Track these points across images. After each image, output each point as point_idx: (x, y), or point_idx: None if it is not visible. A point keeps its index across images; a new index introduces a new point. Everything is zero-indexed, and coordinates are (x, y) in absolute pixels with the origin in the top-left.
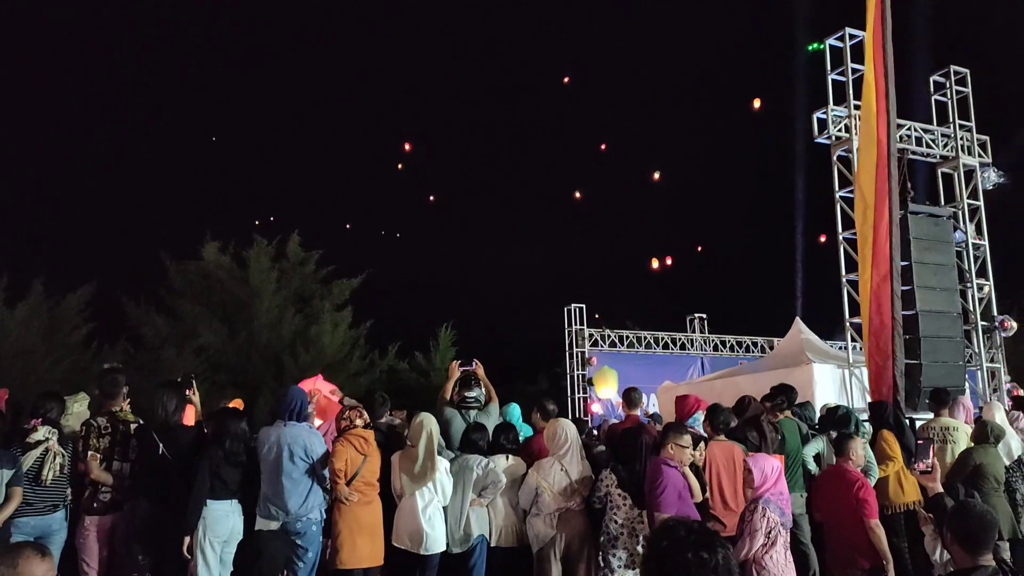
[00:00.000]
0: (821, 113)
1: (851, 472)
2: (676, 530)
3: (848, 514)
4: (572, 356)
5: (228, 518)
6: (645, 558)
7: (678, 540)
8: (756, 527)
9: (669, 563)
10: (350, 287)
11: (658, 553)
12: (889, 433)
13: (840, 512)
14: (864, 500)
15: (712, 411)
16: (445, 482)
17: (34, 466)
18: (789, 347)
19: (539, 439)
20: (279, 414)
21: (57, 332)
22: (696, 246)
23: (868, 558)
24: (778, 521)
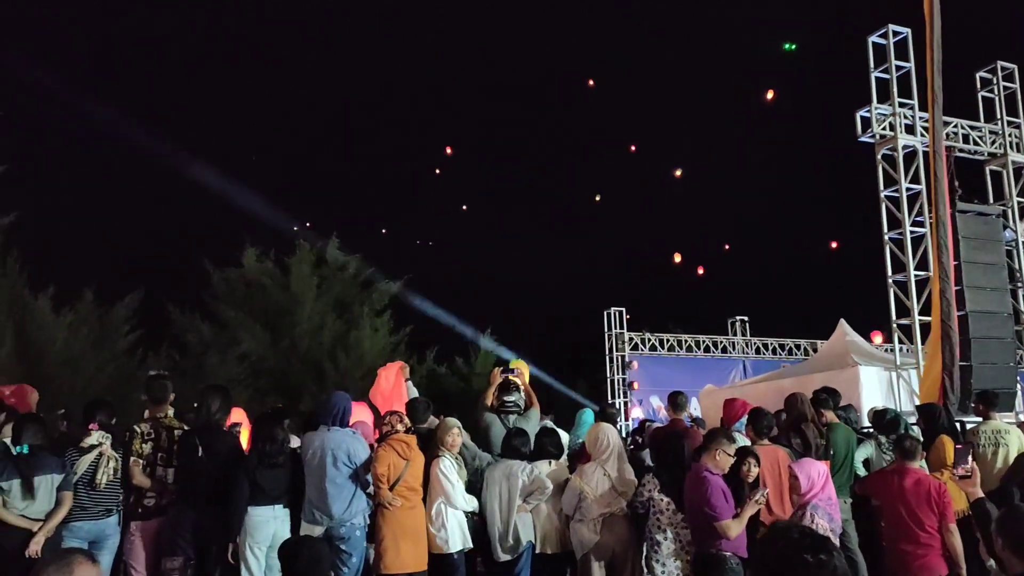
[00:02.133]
0: (864, 111)
1: (927, 476)
2: (789, 532)
3: (922, 519)
4: (612, 360)
5: (268, 524)
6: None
7: (793, 543)
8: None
9: (787, 566)
10: (389, 292)
11: (775, 556)
12: (947, 438)
13: (910, 517)
14: (947, 504)
15: (755, 415)
16: (443, 482)
17: (88, 471)
18: (834, 349)
19: None
20: (322, 419)
21: (105, 339)
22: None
23: (943, 564)
24: (827, 527)
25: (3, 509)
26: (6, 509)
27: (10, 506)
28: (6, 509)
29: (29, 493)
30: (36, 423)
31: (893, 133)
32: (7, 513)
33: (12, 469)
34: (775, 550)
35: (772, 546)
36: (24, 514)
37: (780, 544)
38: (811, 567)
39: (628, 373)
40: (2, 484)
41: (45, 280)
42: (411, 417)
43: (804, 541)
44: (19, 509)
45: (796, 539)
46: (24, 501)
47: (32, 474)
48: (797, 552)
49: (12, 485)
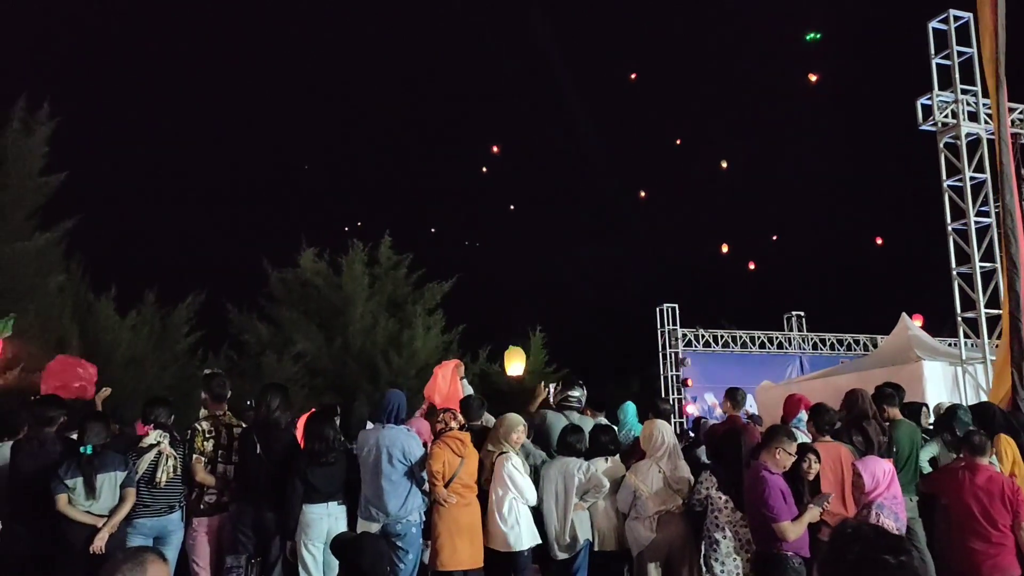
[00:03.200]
0: (925, 99)
1: (999, 474)
2: (864, 533)
3: (995, 517)
4: (665, 357)
5: (322, 521)
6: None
7: (871, 543)
8: None
9: (867, 568)
10: (441, 291)
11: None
12: (1006, 437)
13: (982, 515)
14: (1021, 502)
15: (816, 411)
16: (515, 477)
17: (148, 469)
18: (896, 344)
19: None
20: (377, 417)
21: (166, 340)
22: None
23: (1016, 564)
24: (893, 527)
25: (69, 506)
26: (71, 506)
27: (75, 503)
28: (71, 506)
29: (91, 492)
30: (101, 422)
31: (956, 121)
32: (72, 509)
33: (76, 468)
34: (853, 551)
35: (848, 547)
36: (89, 511)
37: (857, 545)
38: (892, 568)
39: (682, 370)
40: (67, 482)
41: (108, 282)
42: (465, 414)
43: (882, 541)
44: (84, 506)
45: (874, 539)
46: (88, 499)
47: (94, 473)
48: (877, 553)
49: (76, 483)
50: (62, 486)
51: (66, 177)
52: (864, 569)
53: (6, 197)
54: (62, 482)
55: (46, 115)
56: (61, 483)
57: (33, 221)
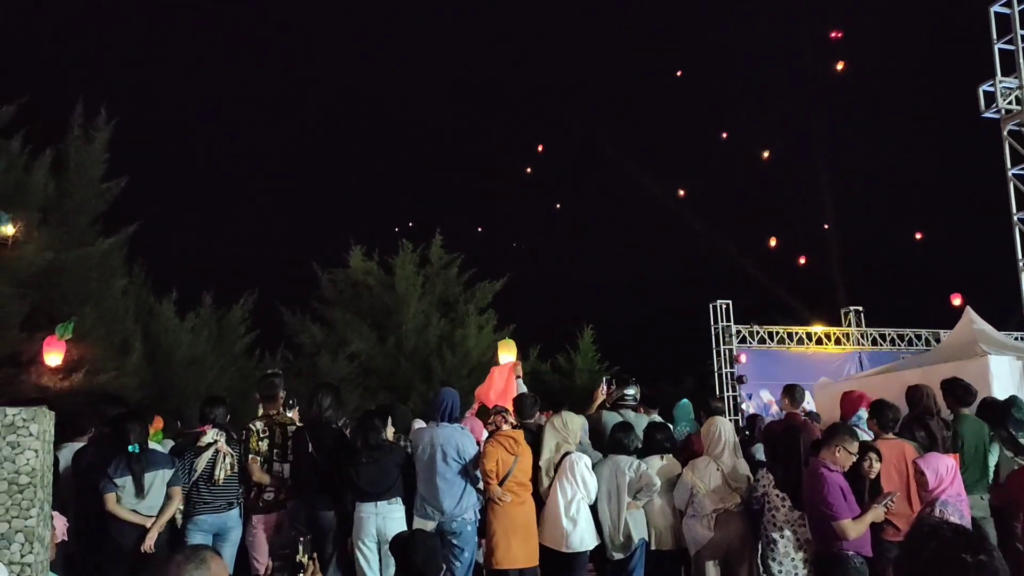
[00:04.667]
0: (988, 86)
1: None
2: (941, 531)
3: None
4: (719, 354)
5: (370, 520)
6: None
7: (948, 542)
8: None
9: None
10: (492, 290)
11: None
12: None
13: None
14: None
15: (878, 407)
16: (587, 478)
17: (207, 467)
18: (960, 338)
19: (699, 438)
20: (431, 415)
21: (224, 341)
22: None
23: None
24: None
25: (118, 505)
26: (119, 505)
27: (123, 502)
28: (119, 505)
29: (140, 490)
30: (141, 421)
31: (1020, 107)
32: (121, 509)
33: (124, 467)
34: (928, 549)
35: (924, 545)
36: (136, 510)
37: (933, 544)
38: (970, 568)
39: (736, 367)
40: (116, 480)
41: (167, 285)
42: (519, 413)
43: (960, 540)
44: (132, 505)
45: (951, 538)
46: (136, 497)
47: (143, 471)
48: (955, 552)
49: (125, 482)
50: (111, 485)
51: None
52: (940, 567)
53: (70, 204)
54: (111, 481)
55: (104, 121)
56: (111, 482)
57: (96, 227)
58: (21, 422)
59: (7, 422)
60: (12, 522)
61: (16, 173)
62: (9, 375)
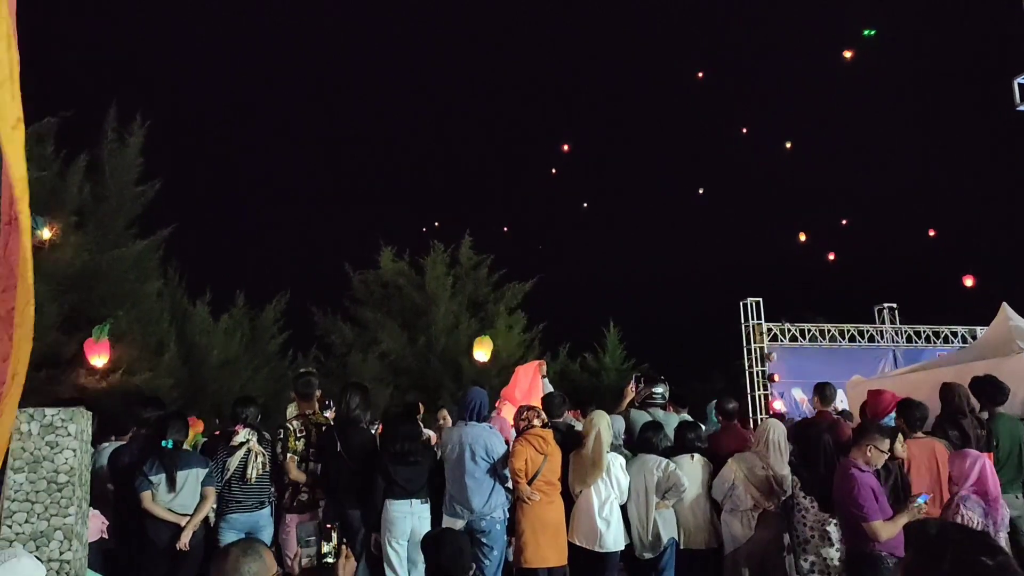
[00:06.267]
0: (1022, 79)
1: None
2: (950, 535)
3: None
4: (750, 352)
5: (406, 519)
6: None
7: (964, 546)
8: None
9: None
10: (522, 291)
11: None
12: None
13: None
14: None
15: (906, 406)
16: (621, 479)
17: (240, 466)
18: (996, 335)
19: (720, 437)
20: (460, 414)
21: (257, 341)
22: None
23: None
24: (979, 521)
25: (153, 503)
26: (155, 503)
27: (158, 500)
28: (155, 503)
29: (172, 486)
30: (181, 419)
31: None
32: (156, 507)
33: (159, 465)
34: (947, 556)
35: (941, 551)
36: (171, 508)
37: (950, 549)
38: (991, 570)
39: (768, 365)
40: (151, 478)
41: (201, 286)
42: (547, 411)
43: (974, 542)
44: (165, 501)
45: (965, 541)
46: (169, 495)
47: (175, 468)
48: (973, 555)
49: (160, 479)
50: (147, 483)
51: (161, 185)
52: (962, 572)
53: (106, 208)
54: (147, 479)
55: (138, 125)
56: (146, 480)
57: (132, 230)
58: (60, 422)
59: (46, 422)
60: (51, 520)
61: (51, 177)
62: (48, 376)
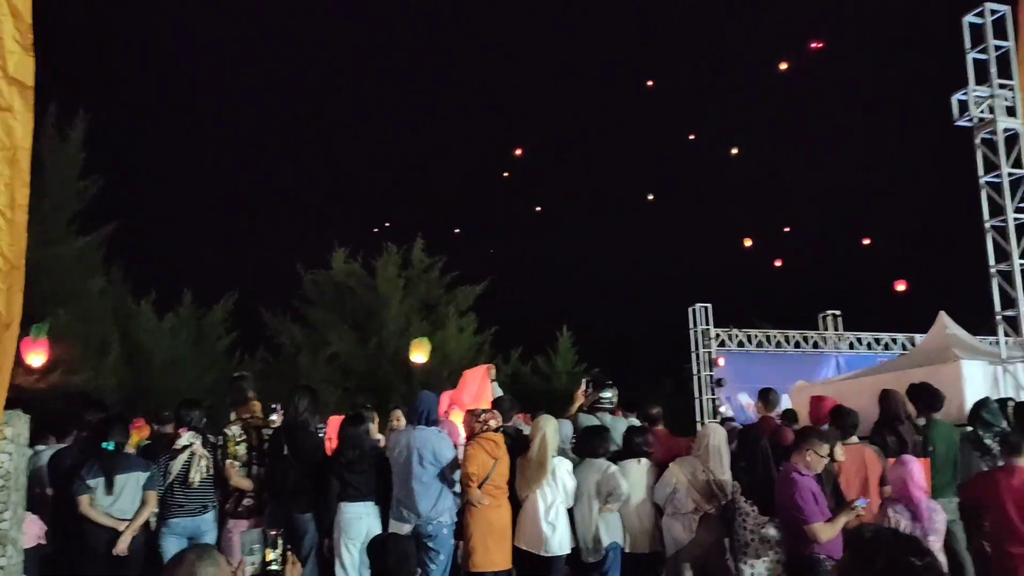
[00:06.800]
0: (961, 94)
1: None
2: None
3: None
4: (698, 357)
5: (362, 520)
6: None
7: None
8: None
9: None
10: (474, 293)
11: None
12: None
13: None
14: None
15: (838, 414)
16: (568, 483)
17: (182, 470)
18: (933, 343)
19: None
20: (409, 419)
21: (204, 342)
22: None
23: None
24: (906, 524)
25: (90, 507)
26: (93, 508)
27: (96, 504)
28: (93, 508)
29: (111, 491)
30: (122, 422)
31: (992, 116)
32: (94, 511)
33: (97, 468)
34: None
35: (875, 553)
36: (110, 512)
37: (884, 551)
38: (920, 571)
39: (715, 370)
40: (89, 482)
41: (146, 285)
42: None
43: (905, 544)
44: (103, 505)
45: (897, 543)
46: (108, 498)
47: (114, 472)
48: (905, 555)
49: (98, 483)
50: (84, 487)
51: (104, 182)
52: (894, 573)
53: (47, 203)
54: (84, 482)
55: (80, 119)
56: (83, 484)
57: (73, 226)
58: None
59: None
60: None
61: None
62: None
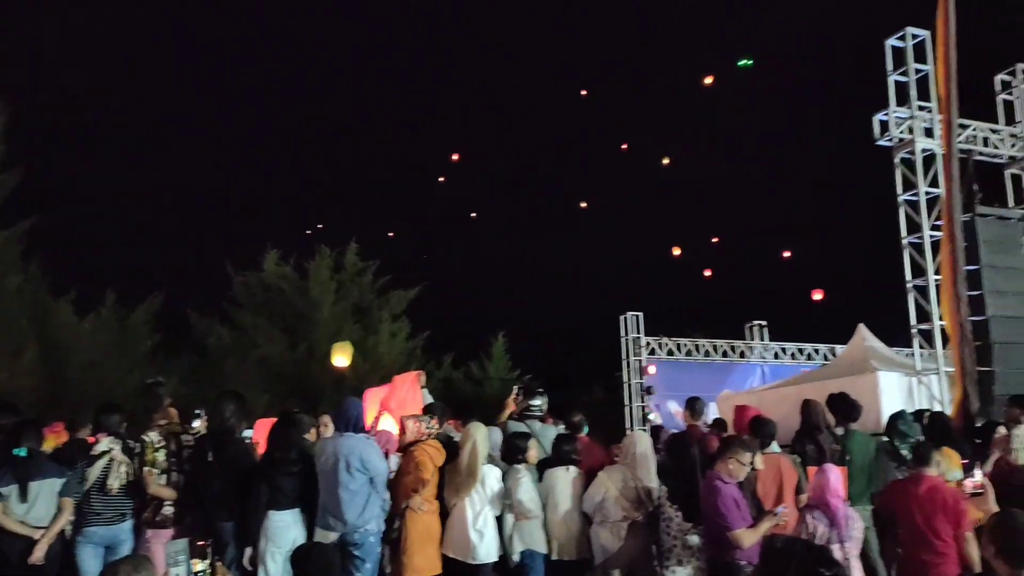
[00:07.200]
0: (882, 115)
1: (941, 483)
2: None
3: (939, 526)
4: (629, 365)
5: (289, 529)
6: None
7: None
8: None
9: None
10: (407, 297)
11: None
12: (948, 449)
13: (929, 523)
14: (963, 512)
15: (756, 424)
16: (496, 491)
17: (100, 477)
18: (853, 354)
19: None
20: (336, 425)
21: (126, 343)
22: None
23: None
24: (823, 532)
25: (4, 516)
26: (6, 516)
27: (9, 512)
28: (6, 516)
29: (24, 496)
30: (36, 427)
31: (911, 137)
32: (8, 519)
33: (9, 475)
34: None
35: (786, 563)
36: (24, 520)
37: (794, 561)
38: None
39: (645, 378)
40: (1, 490)
41: (67, 283)
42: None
43: (814, 555)
44: (17, 514)
45: (807, 554)
46: (22, 506)
47: (28, 478)
48: (814, 566)
49: (11, 491)
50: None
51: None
52: None
53: None
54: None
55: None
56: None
57: None
58: None
59: None
60: None
61: None
62: None
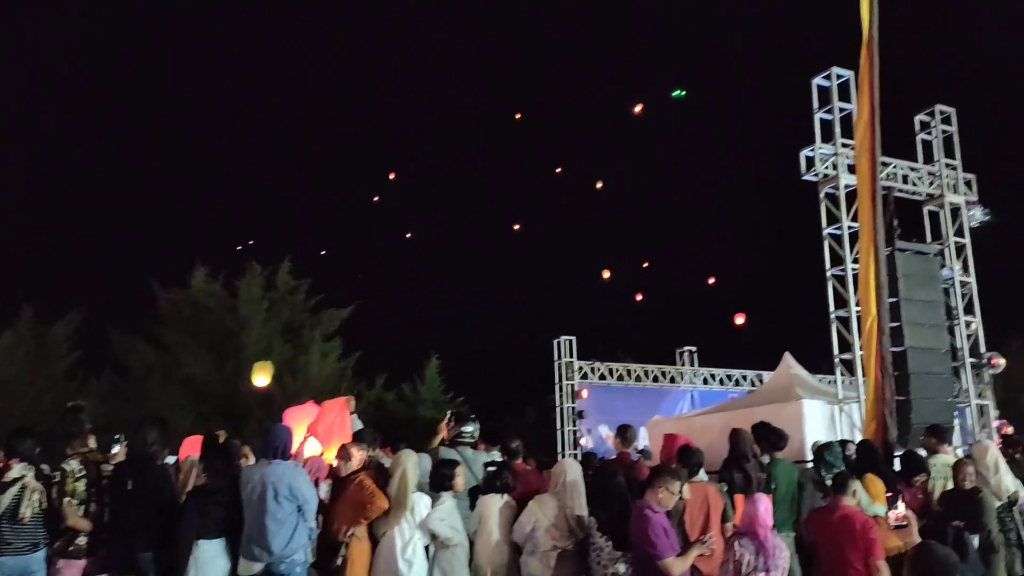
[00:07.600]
0: (808, 151)
1: (854, 512)
2: None
3: (850, 554)
4: (561, 389)
5: (219, 559)
6: None
7: None
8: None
9: None
10: (339, 317)
11: None
12: (873, 476)
13: (841, 552)
14: (873, 540)
15: (683, 453)
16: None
17: (12, 504)
18: (778, 382)
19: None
20: (263, 452)
21: (43, 361)
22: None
23: None
24: (749, 559)
25: None
26: None
27: None
28: None
29: None
30: None
31: (835, 172)
32: None
33: None
34: None
35: None
36: None
37: None
38: None
39: (577, 402)
40: None
41: None
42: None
43: None
44: None
45: None
46: None
47: None
48: None
49: None
50: None
51: None
52: None
53: None
54: None
55: None
56: None
57: None
58: None
59: None
60: None
61: None
62: None
